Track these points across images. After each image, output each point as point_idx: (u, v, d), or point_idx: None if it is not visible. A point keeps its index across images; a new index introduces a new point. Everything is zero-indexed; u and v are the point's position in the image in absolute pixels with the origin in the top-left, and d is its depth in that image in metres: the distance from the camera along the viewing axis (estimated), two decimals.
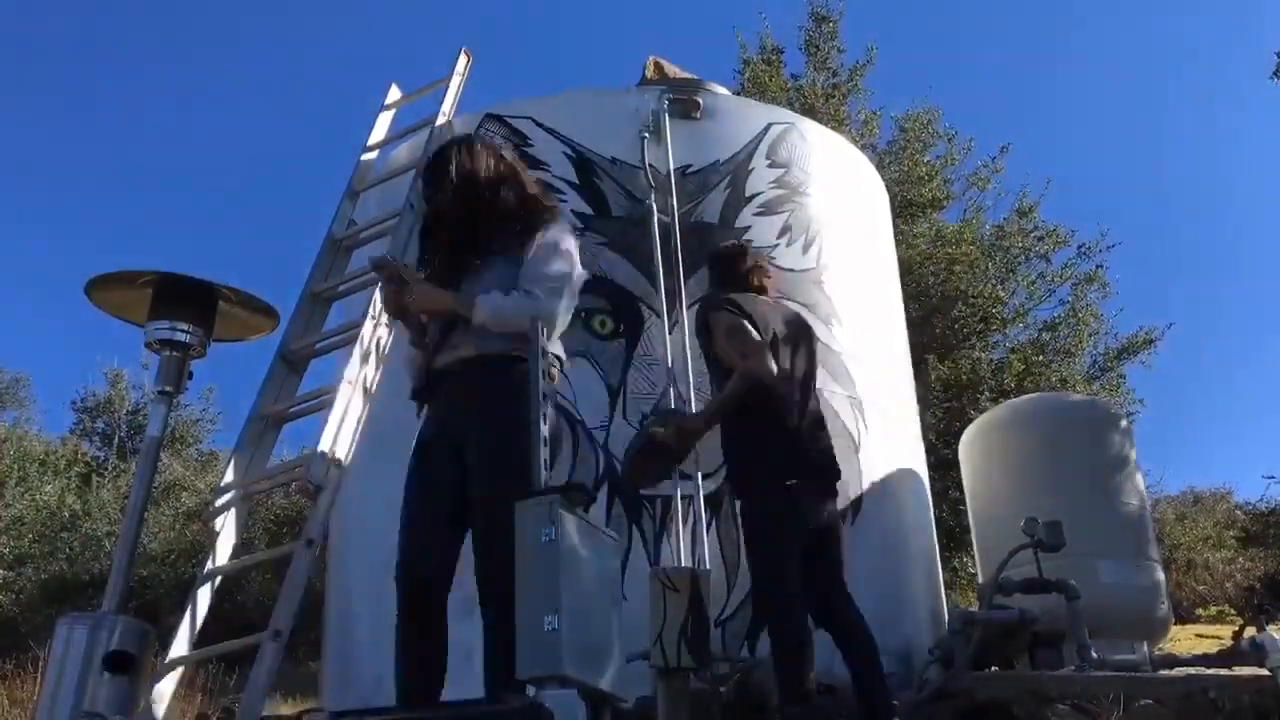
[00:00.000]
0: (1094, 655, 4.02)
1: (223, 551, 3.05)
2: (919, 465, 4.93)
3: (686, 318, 4.15)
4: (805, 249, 4.53)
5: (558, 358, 2.70)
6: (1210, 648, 5.02)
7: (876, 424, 4.46)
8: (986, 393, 10.58)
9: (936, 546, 4.97)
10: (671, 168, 4.40)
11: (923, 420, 6.12)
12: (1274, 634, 4.07)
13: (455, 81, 4.56)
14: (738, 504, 3.42)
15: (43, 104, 34.32)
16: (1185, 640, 8.33)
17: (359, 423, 3.19)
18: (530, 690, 2.26)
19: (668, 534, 3.80)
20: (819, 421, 3.47)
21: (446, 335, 2.70)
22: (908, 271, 10.04)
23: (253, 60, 40.84)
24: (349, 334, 3.43)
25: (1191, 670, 4.28)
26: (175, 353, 3.13)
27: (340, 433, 3.07)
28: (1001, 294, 11.63)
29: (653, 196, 4.31)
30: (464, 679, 3.62)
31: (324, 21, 41.80)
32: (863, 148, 9.46)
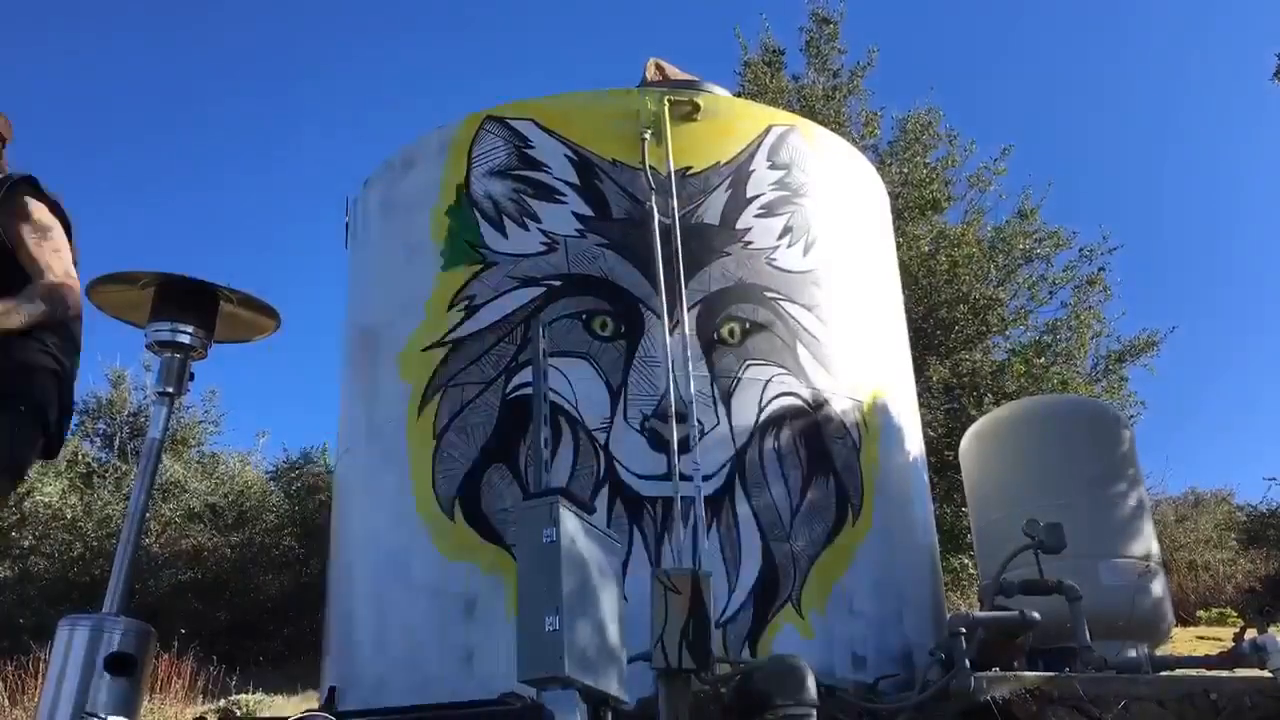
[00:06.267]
0: (1095, 656, 4.02)
1: None
2: (919, 466, 4.93)
3: (687, 319, 4.15)
4: (806, 250, 4.53)
5: None
6: (1211, 649, 5.01)
7: (877, 425, 4.46)
8: (988, 395, 10.57)
9: (937, 547, 4.97)
10: (672, 169, 4.40)
11: (923, 421, 6.11)
12: (1275, 635, 4.06)
13: None
14: None
15: (44, 101, 34.37)
16: (1186, 642, 8.33)
17: None
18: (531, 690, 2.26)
19: (669, 535, 3.80)
20: None
21: None
22: (908, 273, 10.05)
23: (251, 59, 40.90)
24: None
25: (1192, 672, 4.27)
26: (176, 354, 3.13)
27: None
28: (1002, 295, 11.63)
29: (653, 198, 4.31)
30: (464, 679, 3.63)
31: (321, 19, 41.89)
32: (863, 149, 9.47)
